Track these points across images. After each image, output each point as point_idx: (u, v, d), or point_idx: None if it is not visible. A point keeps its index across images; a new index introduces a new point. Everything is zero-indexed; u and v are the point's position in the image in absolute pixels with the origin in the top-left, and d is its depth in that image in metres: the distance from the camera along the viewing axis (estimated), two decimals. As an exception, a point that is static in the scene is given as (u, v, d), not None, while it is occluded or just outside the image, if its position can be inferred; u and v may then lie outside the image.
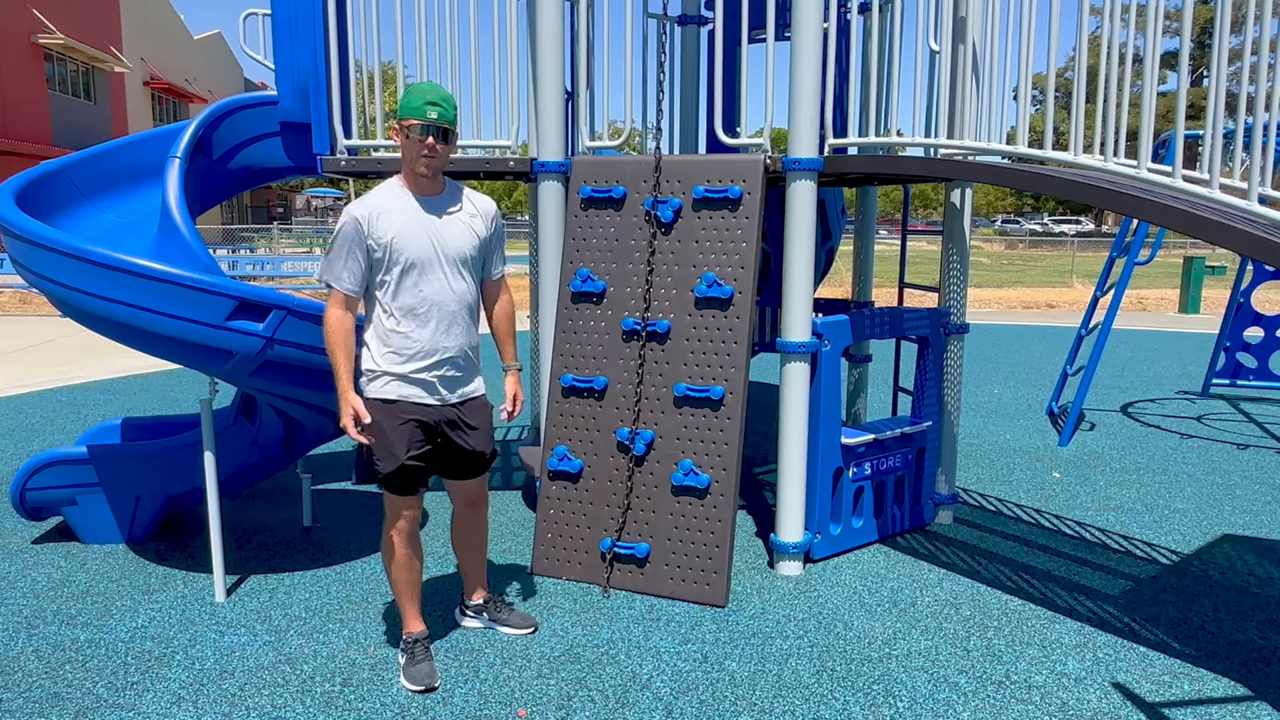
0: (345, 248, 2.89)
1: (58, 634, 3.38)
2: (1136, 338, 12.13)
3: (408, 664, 3.08)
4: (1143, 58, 3.09)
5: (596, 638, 3.38)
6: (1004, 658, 3.25)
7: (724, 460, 3.73)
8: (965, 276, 4.56)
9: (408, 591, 3.15)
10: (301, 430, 4.17)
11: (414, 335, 2.95)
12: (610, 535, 3.83)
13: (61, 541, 4.31)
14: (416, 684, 3.01)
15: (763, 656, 3.24)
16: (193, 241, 3.72)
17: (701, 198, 3.88)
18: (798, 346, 3.89)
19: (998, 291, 19.05)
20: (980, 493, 5.24)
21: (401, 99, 2.94)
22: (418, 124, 2.87)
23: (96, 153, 4.22)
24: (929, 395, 4.54)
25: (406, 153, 2.93)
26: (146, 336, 3.40)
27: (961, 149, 3.77)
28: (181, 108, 36.60)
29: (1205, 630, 3.48)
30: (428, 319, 2.96)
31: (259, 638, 3.36)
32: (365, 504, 4.95)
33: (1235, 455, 6.12)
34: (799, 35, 3.71)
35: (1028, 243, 40.24)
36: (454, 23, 4.16)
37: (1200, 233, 2.71)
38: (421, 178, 2.96)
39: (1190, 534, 4.56)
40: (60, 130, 26.80)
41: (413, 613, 3.17)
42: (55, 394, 7.97)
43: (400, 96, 2.99)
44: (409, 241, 2.91)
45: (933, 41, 4.00)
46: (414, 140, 2.89)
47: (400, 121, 2.91)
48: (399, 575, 3.12)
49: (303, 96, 4.22)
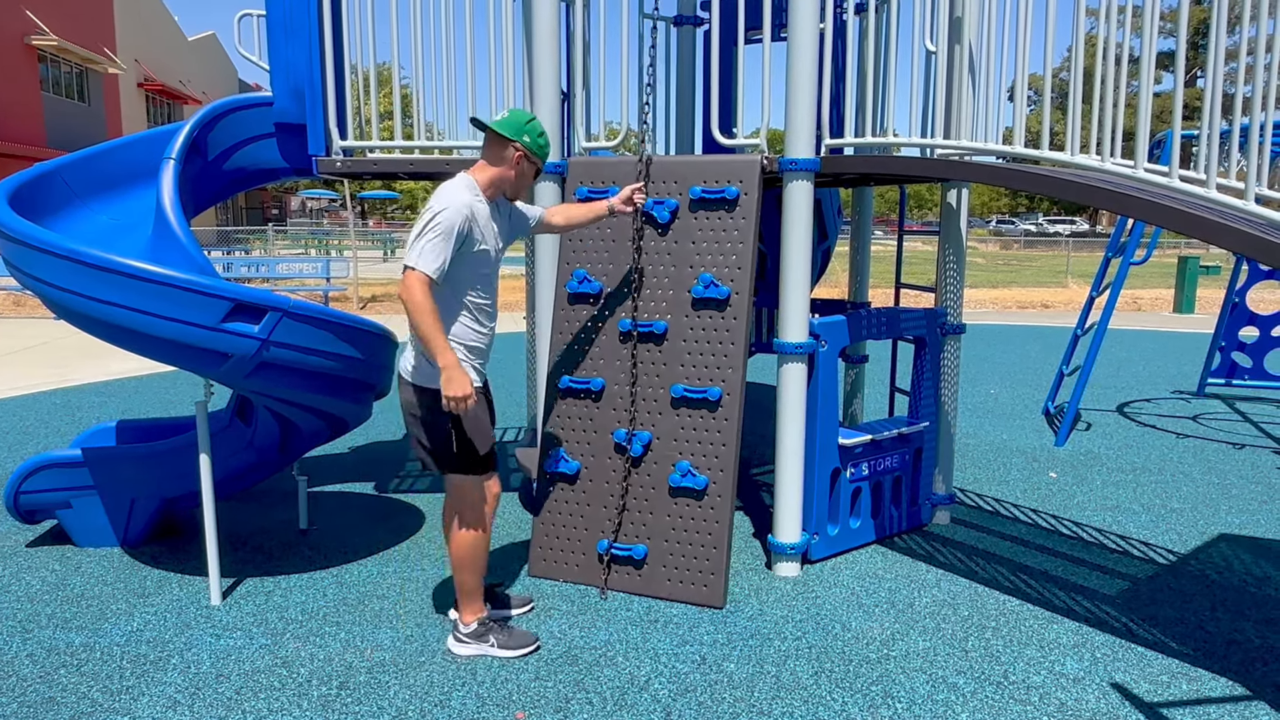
0: (448, 237, 2.97)
1: (52, 638, 3.36)
2: (1132, 337, 12.16)
3: (505, 639, 3.24)
4: (1138, 58, 3.09)
5: (594, 639, 3.37)
6: (1002, 658, 3.25)
7: (721, 461, 3.73)
8: (961, 277, 4.56)
9: (482, 572, 3.29)
10: (297, 432, 4.15)
11: (485, 330, 3.21)
12: (607, 537, 3.82)
13: (56, 545, 4.29)
14: (528, 645, 3.25)
15: (761, 658, 3.24)
16: (188, 243, 3.71)
17: (698, 198, 3.88)
18: (795, 347, 3.88)
19: (993, 292, 19.08)
20: (977, 493, 5.24)
21: (529, 130, 3.17)
22: (541, 163, 3.27)
23: (91, 154, 4.20)
24: (926, 395, 4.54)
25: (519, 178, 3.22)
26: (141, 339, 3.38)
27: (957, 149, 3.77)
28: (176, 109, 36.52)
29: (1203, 630, 3.48)
30: (492, 316, 3.24)
31: (255, 641, 3.34)
32: (362, 507, 4.93)
33: (1231, 455, 6.13)
34: (795, 36, 3.71)
35: (1023, 243, 40.28)
36: (450, 24, 4.15)
37: (1197, 232, 2.71)
38: (501, 193, 3.23)
39: (1187, 533, 4.56)
40: (54, 132, 26.72)
41: (481, 593, 3.30)
42: (49, 396, 7.94)
43: (522, 124, 3.17)
44: (491, 244, 3.17)
45: (929, 42, 3.99)
46: (528, 172, 3.24)
47: (530, 155, 3.19)
48: (478, 556, 3.25)
49: (298, 98, 4.21)
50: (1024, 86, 3.48)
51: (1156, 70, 2.99)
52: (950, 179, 4.19)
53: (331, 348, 3.54)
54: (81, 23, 28.51)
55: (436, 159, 4.39)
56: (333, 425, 4.14)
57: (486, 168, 3.18)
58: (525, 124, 3.17)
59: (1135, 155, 3.06)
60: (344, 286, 16.56)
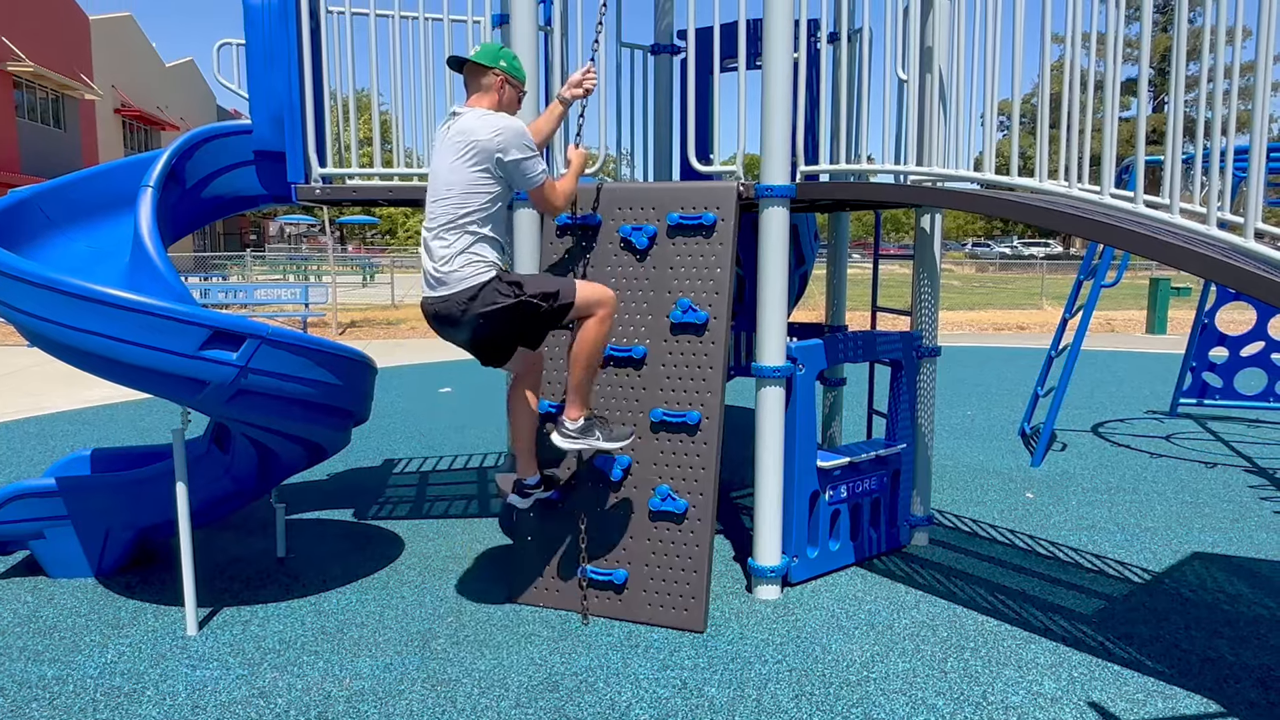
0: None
1: (24, 671, 3.31)
2: (1105, 358, 12.32)
3: (608, 432, 3.57)
4: (1101, 83, 3.17)
5: (575, 665, 3.36)
6: (981, 678, 3.27)
7: (701, 485, 3.74)
8: (936, 300, 4.62)
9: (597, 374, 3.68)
10: (276, 459, 4.13)
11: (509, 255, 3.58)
12: (587, 561, 3.82)
13: (28, 576, 4.23)
14: (627, 438, 3.60)
15: (742, 682, 3.24)
16: (165, 270, 3.70)
17: (676, 224, 3.92)
18: (772, 371, 3.92)
19: (969, 314, 19.27)
20: (955, 514, 5.28)
21: (504, 55, 3.38)
22: (522, 87, 3.50)
23: (68, 182, 4.19)
24: (903, 418, 4.58)
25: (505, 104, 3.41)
26: (118, 367, 3.36)
27: (930, 175, 3.84)
28: (153, 135, 36.40)
29: (1178, 648, 3.52)
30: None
31: (231, 671, 3.31)
32: (340, 534, 4.90)
33: (1203, 474, 6.21)
34: (769, 65, 3.77)
35: (998, 265, 40.80)
36: (429, 51, 4.19)
37: (1162, 257, 2.77)
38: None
39: (1161, 552, 4.62)
40: (29, 158, 26.56)
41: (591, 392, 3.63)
42: (23, 425, 7.84)
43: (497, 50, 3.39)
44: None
45: (900, 70, 4.07)
46: (513, 98, 3.44)
47: (510, 79, 3.39)
48: (599, 353, 3.52)
49: (277, 125, 4.22)
50: (993, 113, 3.55)
51: (1123, 96, 3.07)
52: (923, 204, 4.26)
53: (311, 374, 3.54)
54: (58, 48, 28.43)
55: (415, 185, 4.41)
56: (312, 452, 4.12)
57: (480, 99, 3.38)
58: (499, 50, 3.39)
59: (1101, 181, 3.13)
60: (323, 312, 16.49)
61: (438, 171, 3.35)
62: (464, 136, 3.26)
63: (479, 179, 3.27)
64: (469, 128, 3.27)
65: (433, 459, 6.62)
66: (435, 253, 3.31)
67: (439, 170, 3.34)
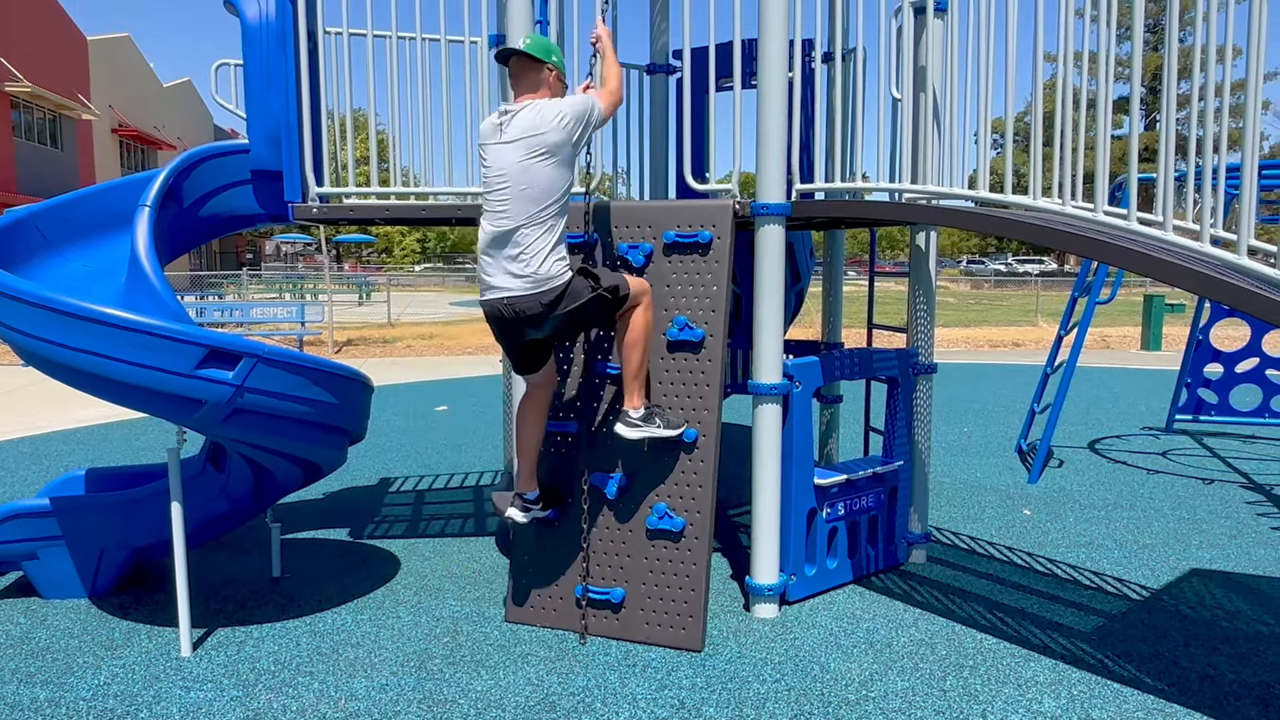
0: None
1: (16, 693, 3.28)
2: (1101, 375, 12.34)
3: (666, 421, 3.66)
4: (1095, 101, 3.20)
5: (572, 686, 3.34)
6: (980, 697, 3.25)
7: (698, 503, 3.73)
8: (932, 317, 4.63)
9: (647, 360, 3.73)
10: (271, 479, 4.11)
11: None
12: (585, 580, 3.80)
13: (21, 597, 4.20)
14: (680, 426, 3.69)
15: (740, 701, 3.22)
16: (161, 290, 3.70)
17: (672, 242, 3.93)
18: (769, 388, 3.92)
19: (965, 331, 19.31)
20: (953, 531, 5.27)
21: (555, 50, 3.47)
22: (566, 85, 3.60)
23: (65, 201, 4.19)
24: (900, 435, 4.58)
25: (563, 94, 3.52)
26: (114, 386, 3.35)
27: (925, 193, 3.86)
28: (150, 155, 36.46)
29: (1177, 665, 3.51)
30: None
31: (226, 693, 3.28)
32: (336, 554, 4.88)
33: (1200, 490, 6.21)
34: (765, 84, 3.80)
35: (993, 282, 40.95)
36: (426, 71, 4.21)
37: (1155, 273, 2.79)
38: None
39: (1159, 569, 4.61)
40: (26, 178, 26.58)
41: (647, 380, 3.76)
42: (17, 444, 7.81)
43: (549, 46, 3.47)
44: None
45: (894, 89, 4.10)
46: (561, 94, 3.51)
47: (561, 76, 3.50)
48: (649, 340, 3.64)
49: (274, 144, 4.23)
50: (987, 131, 3.58)
51: (1115, 114, 3.07)
52: (918, 222, 4.28)
53: (307, 393, 3.53)
54: (56, 69, 28.52)
55: (413, 204, 4.42)
56: (308, 471, 4.11)
57: (533, 95, 3.44)
58: (550, 45, 3.47)
59: (1095, 198, 3.15)
60: (319, 331, 16.48)
61: (505, 170, 3.39)
62: (531, 134, 3.34)
63: (556, 172, 3.37)
64: (531, 125, 3.35)
65: (429, 478, 6.61)
66: (519, 249, 3.37)
67: (507, 169, 3.38)
